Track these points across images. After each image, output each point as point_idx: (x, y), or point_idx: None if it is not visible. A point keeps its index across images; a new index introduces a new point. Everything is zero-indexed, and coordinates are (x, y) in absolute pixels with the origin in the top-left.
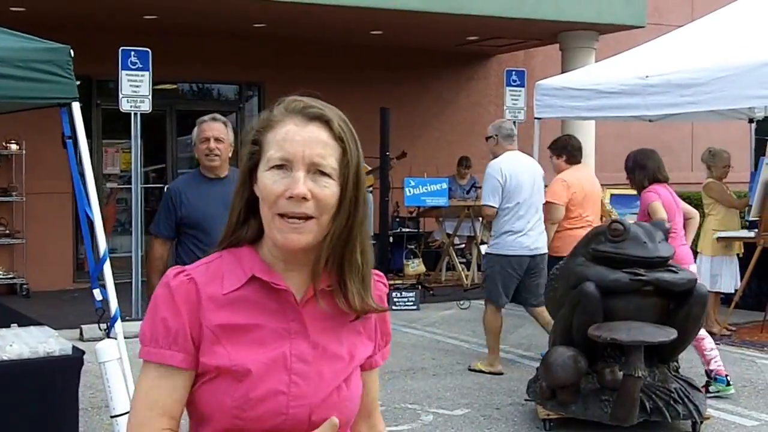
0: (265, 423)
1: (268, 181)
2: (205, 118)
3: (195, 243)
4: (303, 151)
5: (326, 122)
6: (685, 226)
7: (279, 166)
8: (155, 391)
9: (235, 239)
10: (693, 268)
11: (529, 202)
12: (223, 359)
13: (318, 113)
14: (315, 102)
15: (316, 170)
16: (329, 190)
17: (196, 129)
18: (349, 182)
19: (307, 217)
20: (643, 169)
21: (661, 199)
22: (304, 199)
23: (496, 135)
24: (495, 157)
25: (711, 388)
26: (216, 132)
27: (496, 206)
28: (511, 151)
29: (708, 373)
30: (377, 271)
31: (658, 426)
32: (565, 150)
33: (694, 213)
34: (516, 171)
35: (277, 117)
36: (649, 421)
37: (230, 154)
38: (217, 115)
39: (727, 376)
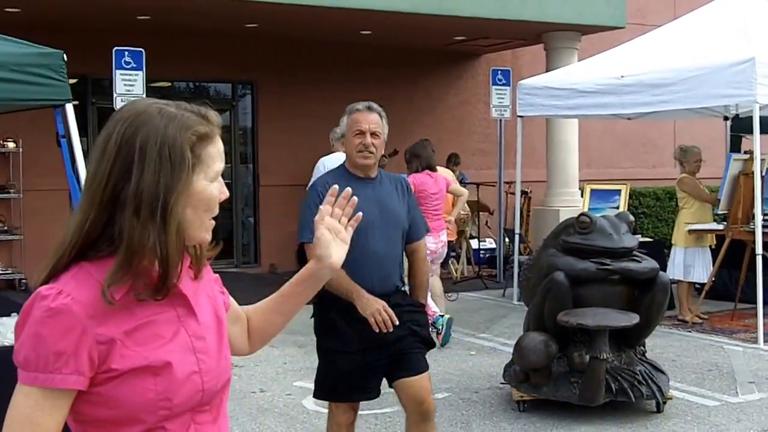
0: (188, 404)
1: (215, 191)
2: (359, 106)
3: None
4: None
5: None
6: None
7: (215, 177)
8: (37, 412)
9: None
10: (443, 236)
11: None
12: (136, 360)
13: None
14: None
15: None
16: None
17: (346, 118)
18: None
19: None
20: (417, 158)
21: (416, 182)
22: None
23: (332, 137)
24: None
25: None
26: (373, 125)
27: None
28: (340, 151)
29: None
30: None
31: (624, 406)
32: (406, 155)
33: (462, 192)
34: (335, 165)
35: (214, 131)
36: (615, 401)
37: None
38: (373, 104)
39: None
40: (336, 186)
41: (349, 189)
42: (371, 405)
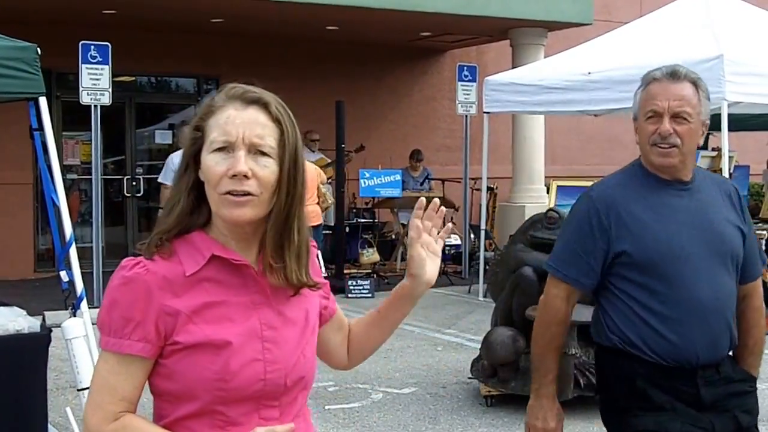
0: (246, 390)
1: (211, 163)
2: (656, 73)
3: (646, 297)
4: (243, 132)
5: (264, 105)
6: None
7: (221, 149)
8: (114, 377)
9: (186, 226)
10: None
11: None
12: (198, 336)
13: (256, 97)
14: (253, 87)
15: (256, 150)
16: (269, 169)
17: (640, 92)
18: (287, 161)
19: (250, 194)
20: None
21: None
22: (246, 177)
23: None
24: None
25: None
26: (676, 102)
27: (167, 182)
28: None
29: None
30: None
31: (592, 401)
32: None
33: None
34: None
35: (219, 103)
36: (583, 396)
37: (701, 142)
38: (680, 68)
39: None
40: (423, 200)
41: (436, 200)
42: (338, 399)
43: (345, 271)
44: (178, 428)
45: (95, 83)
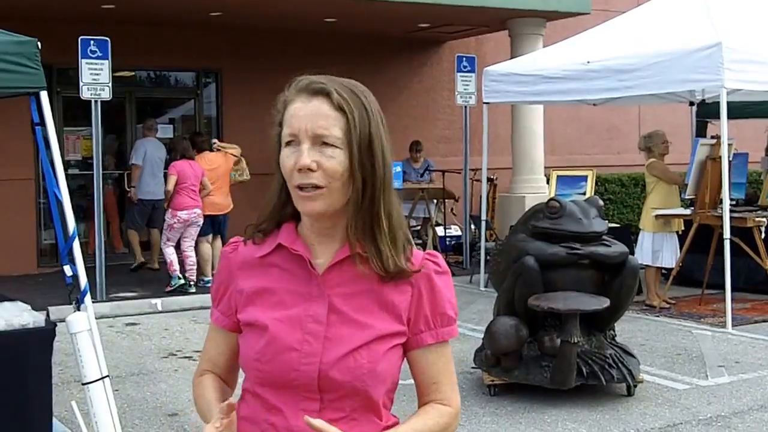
0: (280, 377)
1: (283, 158)
2: None
3: None
4: (306, 125)
5: (326, 95)
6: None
7: (289, 143)
8: (207, 339)
9: (279, 219)
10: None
11: (153, 167)
12: (249, 316)
13: (319, 87)
14: (319, 77)
15: (321, 142)
16: (335, 159)
17: None
18: (356, 149)
19: (318, 187)
20: (174, 150)
21: (177, 170)
22: (310, 170)
23: (143, 127)
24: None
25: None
26: None
27: (139, 163)
28: (148, 137)
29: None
30: (433, 251)
31: (595, 389)
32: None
33: (207, 186)
34: (147, 148)
35: (290, 96)
36: (586, 384)
37: None
38: None
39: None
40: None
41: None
42: None
43: None
44: (245, 397)
45: (95, 78)
